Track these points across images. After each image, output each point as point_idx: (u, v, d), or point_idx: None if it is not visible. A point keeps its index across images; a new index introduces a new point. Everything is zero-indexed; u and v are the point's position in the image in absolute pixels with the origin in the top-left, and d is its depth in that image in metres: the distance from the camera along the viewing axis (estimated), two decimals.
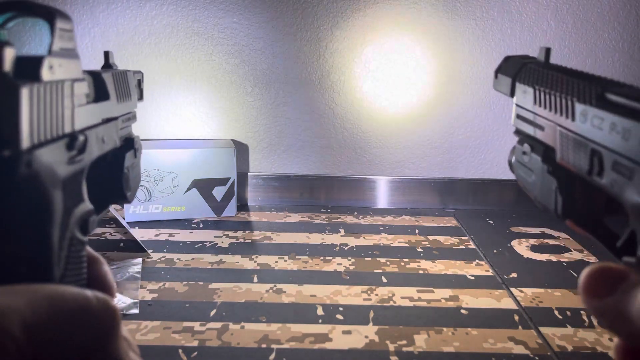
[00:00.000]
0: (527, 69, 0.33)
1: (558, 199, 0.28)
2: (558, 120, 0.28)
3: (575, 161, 0.26)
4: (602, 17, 1.33)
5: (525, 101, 0.32)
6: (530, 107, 0.32)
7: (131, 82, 0.36)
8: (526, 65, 0.33)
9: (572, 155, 0.27)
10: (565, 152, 0.27)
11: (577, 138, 0.26)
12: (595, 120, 0.24)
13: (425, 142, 1.42)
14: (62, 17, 0.24)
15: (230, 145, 1.30)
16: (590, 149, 0.25)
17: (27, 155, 0.20)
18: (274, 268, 1.05)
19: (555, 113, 0.28)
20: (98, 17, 1.30)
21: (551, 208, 0.29)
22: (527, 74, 0.33)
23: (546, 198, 0.30)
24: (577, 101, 0.26)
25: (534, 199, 0.31)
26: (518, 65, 0.34)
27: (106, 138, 0.29)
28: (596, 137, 0.24)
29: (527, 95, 0.32)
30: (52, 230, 0.22)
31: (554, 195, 0.29)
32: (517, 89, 0.34)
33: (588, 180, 0.26)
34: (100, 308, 0.21)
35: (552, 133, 0.29)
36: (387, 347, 0.80)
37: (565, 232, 1.27)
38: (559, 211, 0.28)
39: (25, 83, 0.20)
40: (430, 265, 1.08)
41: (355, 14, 1.33)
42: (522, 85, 0.33)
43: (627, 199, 0.22)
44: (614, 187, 0.23)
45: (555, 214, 0.29)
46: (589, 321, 0.89)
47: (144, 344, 0.78)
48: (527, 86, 0.32)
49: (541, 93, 0.30)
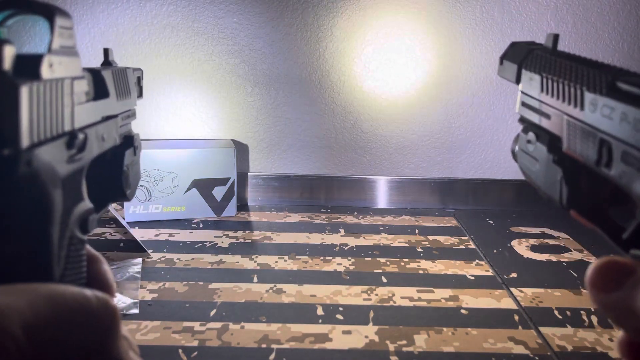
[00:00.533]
0: (534, 55, 0.32)
1: (563, 189, 0.28)
2: (566, 109, 0.27)
3: (582, 151, 0.26)
4: (602, 17, 1.33)
5: (532, 88, 0.31)
6: (537, 95, 0.31)
7: (131, 79, 0.36)
8: (533, 51, 0.32)
9: (580, 145, 0.26)
10: (572, 141, 0.27)
11: (585, 127, 0.25)
12: (606, 110, 0.24)
13: (425, 142, 1.42)
14: (62, 15, 0.24)
15: (230, 145, 1.30)
16: (599, 138, 0.24)
17: (26, 154, 0.20)
18: (274, 268, 1.05)
19: (563, 101, 0.28)
20: (98, 16, 1.30)
21: (556, 198, 0.29)
22: (534, 61, 0.32)
23: (550, 188, 0.29)
24: (586, 90, 0.25)
25: (538, 188, 0.31)
26: (524, 52, 0.33)
27: (106, 136, 0.29)
28: (606, 127, 0.24)
29: (533, 83, 0.31)
30: (52, 229, 0.22)
31: (558, 185, 0.28)
32: (524, 75, 0.33)
33: (595, 171, 0.25)
34: (100, 307, 0.21)
35: (558, 122, 0.28)
36: (387, 347, 0.80)
37: (565, 232, 1.27)
38: (563, 201, 0.28)
39: (25, 81, 0.20)
40: (430, 265, 1.08)
41: (356, 14, 1.33)
42: (529, 72, 0.32)
43: (636, 191, 0.22)
44: (622, 179, 0.23)
45: (559, 204, 0.28)
46: (589, 321, 0.89)
47: (144, 344, 0.78)
48: (534, 73, 0.31)
49: (548, 81, 0.29)
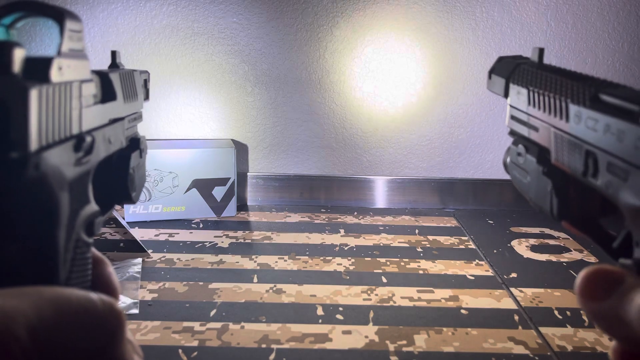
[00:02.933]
0: (521, 69, 0.33)
1: (553, 200, 0.28)
2: (552, 121, 0.28)
3: (570, 162, 0.26)
4: (602, 17, 1.34)
5: (519, 102, 0.32)
6: (524, 108, 0.31)
7: (138, 82, 0.36)
8: (519, 65, 0.33)
9: (567, 157, 0.27)
10: (559, 153, 0.27)
11: (571, 139, 0.26)
12: (590, 122, 0.24)
13: (425, 142, 1.42)
14: (72, 18, 0.24)
15: (230, 145, 1.30)
16: (585, 150, 0.25)
17: (35, 157, 0.20)
18: (273, 268, 1.05)
19: (550, 114, 0.28)
20: (98, 17, 1.30)
21: (547, 209, 0.29)
22: (521, 75, 0.32)
23: (541, 199, 0.29)
24: (570, 102, 0.26)
25: (529, 200, 0.31)
26: (511, 66, 0.34)
27: (113, 139, 0.29)
28: (590, 139, 0.24)
29: (521, 96, 0.32)
30: (58, 232, 0.22)
31: (549, 196, 0.29)
32: (511, 89, 0.33)
33: (583, 182, 0.25)
34: (106, 311, 0.21)
35: (546, 134, 0.29)
36: (387, 347, 0.80)
37: (565, 232, 1.27)
38: (554, 212, 0.28)
39: (34, 84, 0.20)
40: (430, 265, 1.08)
41: (355, 14, 1.33)
42: (516, 86, 0.32)
43: (622, 201, 0.22)
44: (609, 189, 0.23)
45: (550, 215, 0.29)
46: (589, 321, 0.89)
47: (144, 344, 0.78)
48: (521, 87, 0.32)
49: (535, 94, 0.30)
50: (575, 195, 0.28)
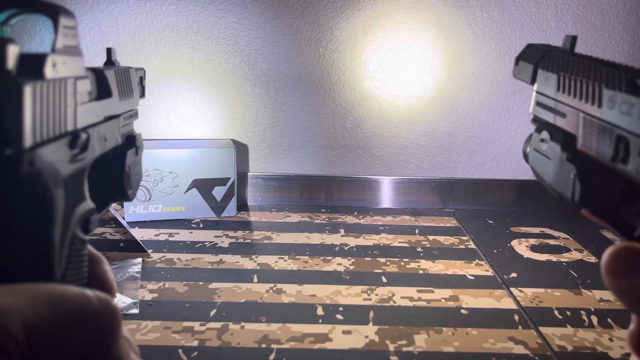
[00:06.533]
0: (551, 56, 0.33)
1: (576, 187, 0.28)
2: (582, 106, 0.28)
3: (598, 148, 0.26)
4: (602, 17, 1.33)
5: (547, 88, 0.32)
6: (552, 94, 0.31)
7: (133, 79, 0.36)
8: (550, 52, 0.33)
9: (596, 142, 0.26)
10: (587, 139, 0.27)
11: (602, 124, 0.26)
12: (624, 106, 0.24)
13: (425, 142, 1.42)
14: (66, 14, 0.24)
15: (230, 145, 1.30)
16: (616, 135, 0.25)
17: (29, 154, 0.20)
18: (274, 268, 1.05)
19: (580, 99, 0.28)
20: (98, 16, 1.30)
21: (568, 196, 0.29)
22: (551, 61, 0.32)
23: (563, 186, 0.30)
24: (605, 87, 0.26)
25: (549, 187, 0.31)
26: (541, 53, 0.34)
27: (108, 136, 0.29)
28: (624, 123, 0.24)
29: (549, 82, 0.32)
30: (53, 229, 0.22)
31: (571, 183, 0.29)
32: (539, 75, 0.33)
33: (610, 168, 0.25)
34: (101, 308, 0.21)
35: (574, 120, 0.29)
36: (387, 347, 0.80)
37: (565, 232, 1.27)
38: (576, 199, 0.28)
39: (28, 81, 0.20)
40: (430, 265, 1.08)
41: (355, 13, 1.33)
42: (545, 72, 0.33)
43: None
44: (639, 173, 0.23)
45: (571, 202, 0.29)
46: (589, 321, 0.89)
47: (144, 344, 0.78)
48: (551, 72, 0.32)
49: (565, 79, 0.30)
50: (598, 182, 0.28)
